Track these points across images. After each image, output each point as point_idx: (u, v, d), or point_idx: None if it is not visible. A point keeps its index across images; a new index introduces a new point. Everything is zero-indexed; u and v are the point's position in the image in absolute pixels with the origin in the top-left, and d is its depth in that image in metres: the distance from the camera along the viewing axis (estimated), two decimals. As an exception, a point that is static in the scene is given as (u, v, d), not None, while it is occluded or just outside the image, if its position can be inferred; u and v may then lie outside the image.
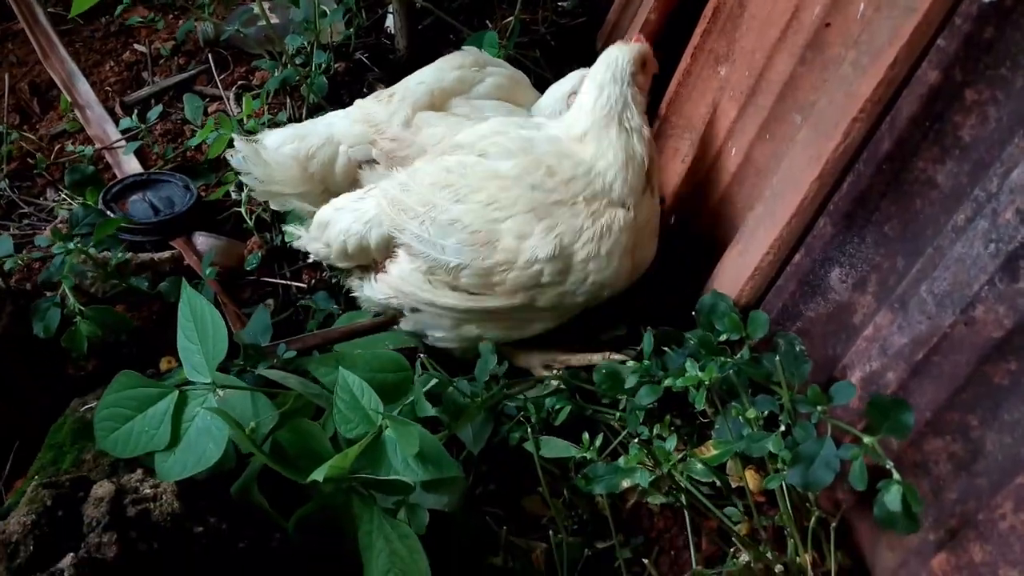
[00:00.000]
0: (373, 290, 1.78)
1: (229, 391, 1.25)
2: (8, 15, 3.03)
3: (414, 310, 1.73)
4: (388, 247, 1.74)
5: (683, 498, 1.45)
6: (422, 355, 1.58)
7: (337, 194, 1.91)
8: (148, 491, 1.24)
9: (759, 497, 1.52)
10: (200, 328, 1.20)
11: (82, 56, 2.80)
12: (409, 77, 2.03)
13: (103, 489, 1.21)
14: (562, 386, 1.66)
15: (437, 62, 2.06)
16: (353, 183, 1.98)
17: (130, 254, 2.03)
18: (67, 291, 1.63)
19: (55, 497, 1.18)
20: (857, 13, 1.52)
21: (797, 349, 1.44)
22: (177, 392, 1.21)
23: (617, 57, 1.73)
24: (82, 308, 1.61)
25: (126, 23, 2.99)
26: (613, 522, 1.46)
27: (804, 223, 1.53)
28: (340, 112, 2.04)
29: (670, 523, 1.54)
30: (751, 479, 1.53)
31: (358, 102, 2.05)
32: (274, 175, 1.97)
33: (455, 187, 1.64)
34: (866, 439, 1.22)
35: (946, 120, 1.29)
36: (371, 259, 1.80)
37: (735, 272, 1.68)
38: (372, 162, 1.99)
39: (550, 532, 1.46)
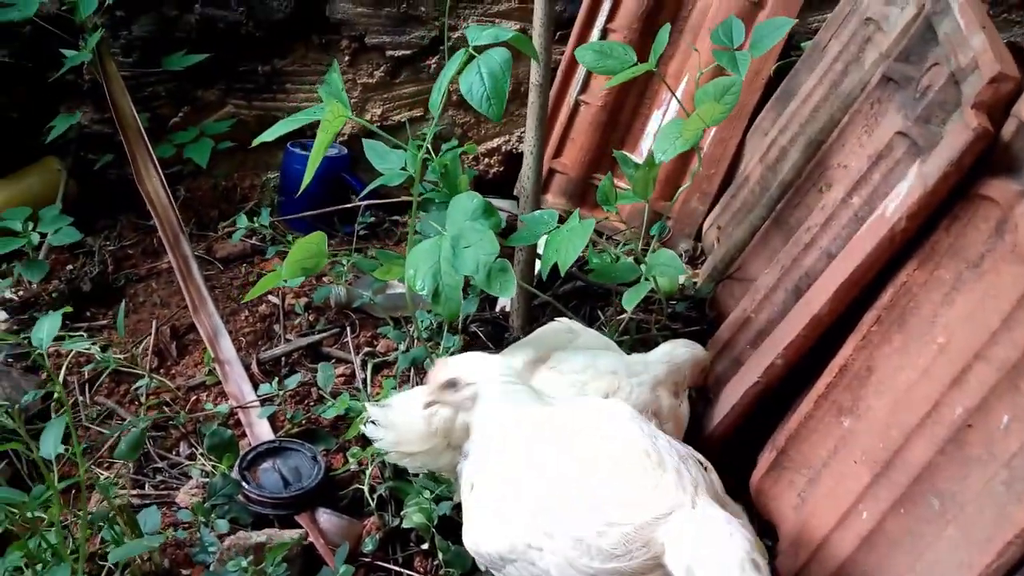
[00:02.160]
0: None
1: None
2: (158, 253, 3.31)
3: None
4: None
5: None
6: None
7: (458, 445, 2.01)
8: None
9: None
10: None
11: (220, 303, 3.00)
12: (514, 345, 2.36)
13: None
14: None
15: (539, 330, 2.40)
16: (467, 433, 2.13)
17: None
18: None
19: None
20: (1000, 424, 1.63)
21: None
22: None
23: None
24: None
25: (262, 272, 3.23)
26: None
27: (956, 626, 1.57)
28: None
29: None
30: None
31: None
32: (402, 434, 2.09)
33: None
34: None
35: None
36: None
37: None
38: None
39: None
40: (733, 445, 2.36)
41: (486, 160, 3.79)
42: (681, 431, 2.26)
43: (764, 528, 2.27)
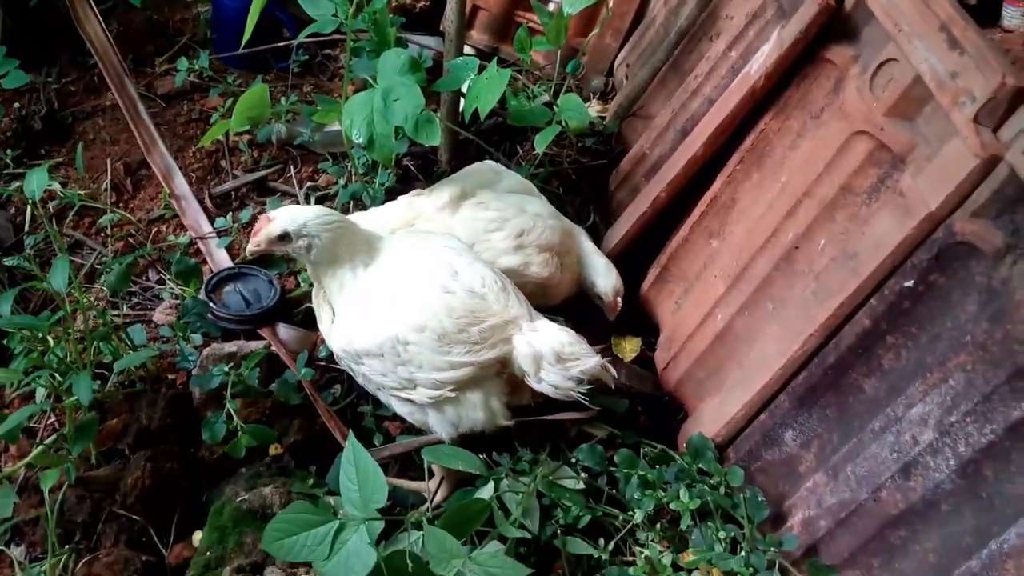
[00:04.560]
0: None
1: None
2: (100, 90, 3.49)
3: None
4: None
5: (668, 591, 2.02)
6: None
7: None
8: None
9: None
10: (361, 474, 1.71)
11: (167, 140, 3.25)
12: (442, 181, 2.64)
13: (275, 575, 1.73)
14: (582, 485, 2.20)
15: (465, 169, 2.71)
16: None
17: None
18: (232, 411, 2.13)
19: (246, 581, 1.69)
20: (819, 246, 2.10)
21: (759, 499, 2.02)
22: (338, 521, 1.72)
23: None
24: (243, 425, 2.11)
25: (205, 110, 3.45)
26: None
27: (769, 395, 2.11)
28: (391, 203, 2.62)
29: (656, 605, 2.10)
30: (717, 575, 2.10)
31: (401, 198, 2.63)
32: None
33: None
34: (801, 581, 1.82)
35: (872, 351, 1.88)
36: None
37: (715, 416, 2.25)
38: None
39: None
40: (626, 262, 2.82)
41: (411, -8, 3.95)
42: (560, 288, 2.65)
43: (649, 329, 2.80)
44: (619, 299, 2.62)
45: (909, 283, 1.77)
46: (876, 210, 1.95)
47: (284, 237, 2.04)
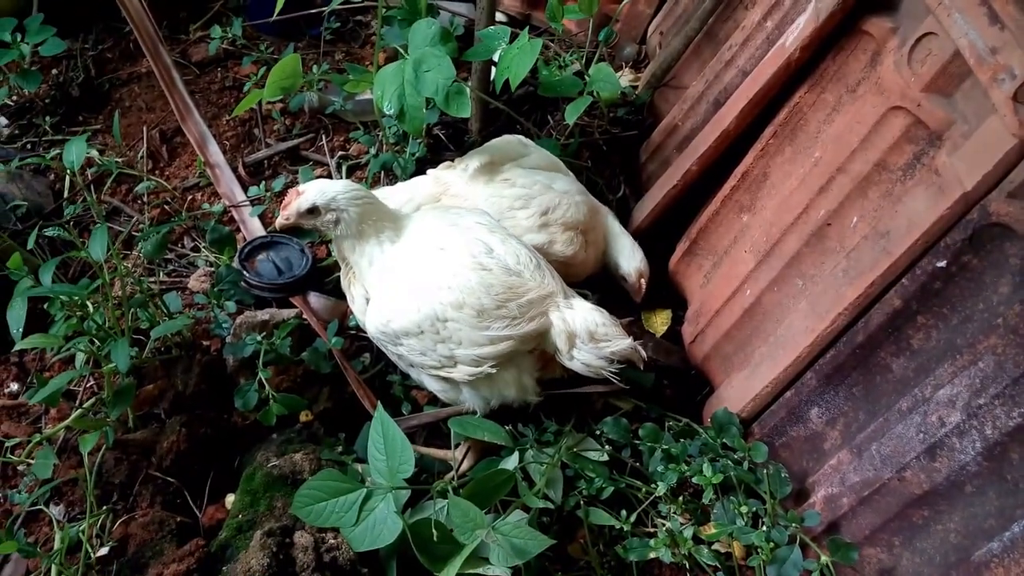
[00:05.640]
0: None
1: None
2: (135, 57, 3.52)
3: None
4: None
5: (687, 563, 2.05)
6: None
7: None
8: (332, 540, 1.81)
9: (742, 562, 2.12)
10: (389, 445, 1.75)
11: (201, 108, 3.28)
12: (471, 152, 2.62)
13: (305, 539, 1.78)
14: (605, 457, 2.23)
15: (493, 141, 2.69)
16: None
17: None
18: (264, 380, 2.18)
19: (277, 544, 1.75)
20: (851, 224, 2.07)
21: (782, 475, 2.03)
22: (366, 490, 1.77)
23: None
24: (274, 394, 2.16)
25: (238, 78, 3.47)
26: (636, 570, 2.06)
27: (796, 372, 2.10)
28: (419, 178, 2.64)
29: (675, 574, 2.13)
30: (738, 548, 2.12)
31: (430, 171, 2.64)
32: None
33: None
34: (823, 558, 1.82)
35: (902, 331, 1.86)
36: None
37: (741, 391, 2.25)
38: None
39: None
40: (655, 235, 2.82)
41: (445, -40, 3.91)
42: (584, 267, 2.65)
43: (677, 302, 2.80)
44: (643, 281, 2.62)
45: (942, 263, 1.75)
46: (910, 188, 1.93)
47: (313, 211, 2.07)
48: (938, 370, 1.75)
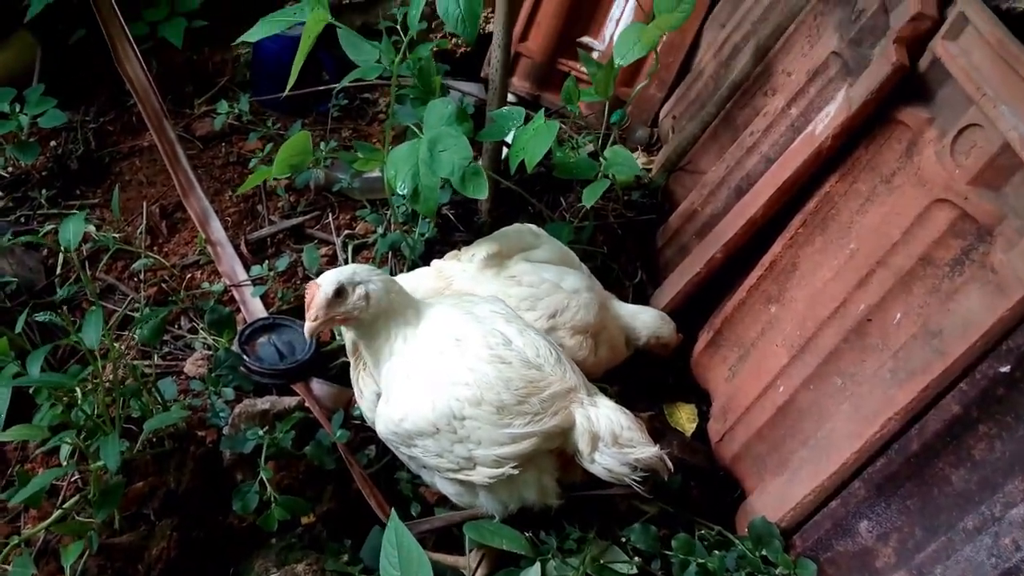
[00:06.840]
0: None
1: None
2: (138, 130, 3.44)
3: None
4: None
5: None
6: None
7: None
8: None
9: None
10: (404, 559, 1.58)
11: (204, 183, 3.17)
12: (480, 241, 2.45)
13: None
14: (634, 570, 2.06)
15: (503, 229, 2.52)
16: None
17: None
18: (265, 480, 2.01)
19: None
20: (894, 320, 1.96)
21: (832, 599, 1.87)
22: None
23: None
24: (276, 496, 1.99)
25: (243, 153, 3.38)
26: None
27: (842, 480, 1.96)
28: (421, 270, 2.48)
29: None
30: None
31: (434, 262, 2.49)
32: None
33: None
34: None
35: (962, 441, 1.73)
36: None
37: (779, 499, 2.10)
38: None
39: None
40: (677, 324, 2.69)
41: (454, 40, 3.90)
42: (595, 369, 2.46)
43: (700, 395, 2.66)
44: (674, 336, 2.55)
45: (1005, 368, 1.63)
46: (961, 285, 1.82)
47: (340, 292, 1.92)
48: (1008, 486, 1.62)
